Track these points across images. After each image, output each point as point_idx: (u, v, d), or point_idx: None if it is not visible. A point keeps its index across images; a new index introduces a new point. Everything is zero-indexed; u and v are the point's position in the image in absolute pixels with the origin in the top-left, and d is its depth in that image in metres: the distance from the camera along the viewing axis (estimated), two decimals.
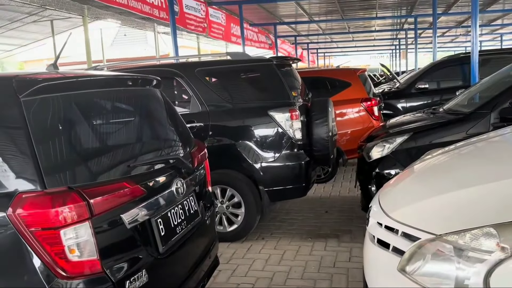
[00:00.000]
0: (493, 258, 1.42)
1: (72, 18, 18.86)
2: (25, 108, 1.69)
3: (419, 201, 1.93)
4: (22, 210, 1.58)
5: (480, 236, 1.49)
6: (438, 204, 1.83)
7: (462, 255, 1.50)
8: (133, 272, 1.86)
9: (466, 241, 1.51)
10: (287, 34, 21.92)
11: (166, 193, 2.18)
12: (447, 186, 1.94)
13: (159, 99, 2.67)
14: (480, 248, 1.47)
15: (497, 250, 1.44)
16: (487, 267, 1.43)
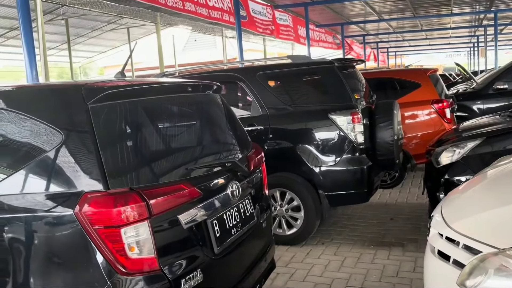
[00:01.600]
0: None
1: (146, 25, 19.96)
2: (92, 114, 1.83)
3: (483, 212, 1.80)
4: (87, 209, 1.70)
5: None
6: (504, 216, 1.69)
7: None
8: (188, 271, 1.93)
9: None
10: (355, 34, 21.42)
11: (221, 196, 2.23)
12: None
13: (219, 104, 2.74)
14: None
15: None
16: None
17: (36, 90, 2.20)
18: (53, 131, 1.83)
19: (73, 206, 1.71)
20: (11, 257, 1.79)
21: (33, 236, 1.78)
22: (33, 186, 1.83)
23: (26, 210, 1.80)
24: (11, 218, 1.81)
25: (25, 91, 2.18)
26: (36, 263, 1.77)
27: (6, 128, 1.95)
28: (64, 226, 1.73)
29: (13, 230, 1.80)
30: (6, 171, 1.89)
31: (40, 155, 1.83)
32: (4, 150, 1.95)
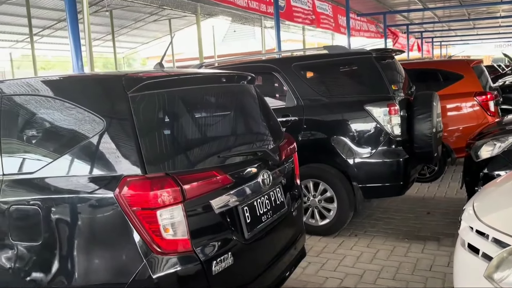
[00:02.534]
0: None
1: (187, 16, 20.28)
2: (132, 102, 1.93)
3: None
4: (126, 191, 1.82)
5: None
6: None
7: None
8: (219, 254, 2.01)
9: None
10: (398, 23, 20.79)
11: (252, 183, 2.29)
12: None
13: (253, 94, 2.80)
14: None
15: None
16: None
17: (80, 80, 2.34)
18: (96, 119, 1.95)
19: (113, 188, 1.83)
20: (57, 235, 1.93)
21: (76, 215, 1.91)
22: (77, 169, 1.97)
23: (70, 192, 1.94)
24: (56, 198, 1.96)
25: (71, 81, 2.32)
26: (79, 241, 1.91)
27: (53, 115, 2.09)
28: (105, 207, 1.85)
29: (58, 209, 1.95)
30: (53, 155, 2.03)
31: (84, 140, 1.96)
32: (51, 135, 2.10)
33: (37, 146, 2.12)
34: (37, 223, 1.96)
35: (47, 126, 2.11)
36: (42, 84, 2.21)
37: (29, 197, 2.01)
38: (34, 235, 1.97)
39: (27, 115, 2.17)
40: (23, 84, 2.25)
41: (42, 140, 2.11)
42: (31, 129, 2.15)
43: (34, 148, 2.13)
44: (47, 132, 2.11)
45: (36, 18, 17.98)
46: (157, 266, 1.81)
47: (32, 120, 2.15)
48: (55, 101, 2.09)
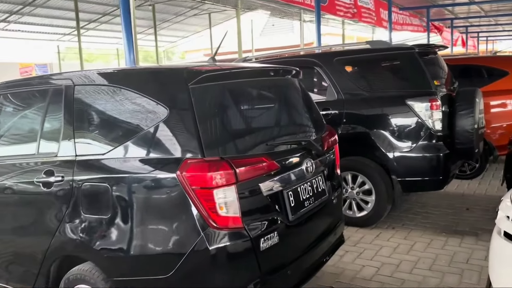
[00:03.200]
0: None
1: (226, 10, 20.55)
2: (192, 93, 2.14)
3: None
4: (187, 172, 2.03)
5: None
6: None
7: None
8: (267, 233, 2.19)
9: None
10: (443, 17, 20.21)
11: (297, 170, 2.46)
12: None
13: (297, 88, 2.96)
14: None
15: None
16: None
17: (146, 73, 2.57)
18: (161, 107, 2.17)
19: (175, 169, 2.05)
20: (124, 209, 2.17)
21: (143, 192, 2.14)
22: (144, 152, 2.20)
23: (137, 171, 2.16)
24: (125, 177, 2.19)
25: (138, 73, 2.56)
26: (144, 215, 2.14)
27: (122, 104, 2.32)
28: (168, 185, 2.07)
29: (126, 187, 2.18)
30: (122, 138, 2.27)
31: (150, 126, 2.18)
32: (121, 121, 2.33)
33: (107, 131, 2.36)
34: (107, 199, 2.20)
35: (116, 113, 2.34)
36: (112, 75, 2.46)
37: (100, 175, 2.26)
38: (104, 208, 2.21)
39: (97, 104, 2.42)
40: (93, 75, 2.50)
41: (112, 126, 2.35)
42: (101, 116, 2.40)
43: (104, 133, 2.37)
44: (117, 118, 2.35)
45: (82, 12, 18.75)
46: (212, 239, 2.01)
47: (102, 108, 2.40)
48: (124, 91, 2.32)
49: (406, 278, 3.34)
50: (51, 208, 2.41)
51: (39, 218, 2.49)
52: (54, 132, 2.52)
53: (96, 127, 2.40)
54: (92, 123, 2.41)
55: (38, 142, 2.57)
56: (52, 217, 2.41)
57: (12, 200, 2.66)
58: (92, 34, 23.19)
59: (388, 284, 3.27)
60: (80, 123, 2.42)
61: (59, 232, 2.37)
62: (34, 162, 2.55)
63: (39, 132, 2.58)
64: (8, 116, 2.98)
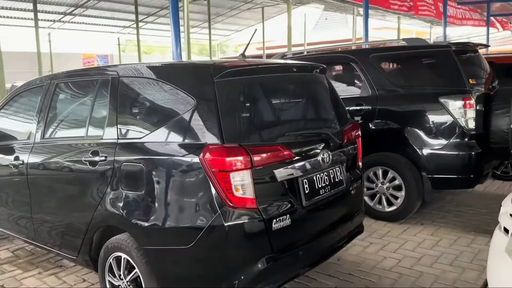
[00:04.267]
0: None
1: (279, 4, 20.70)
2: (216, 87, 2.39)
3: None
4: (208, 156, 2.29)
5: None
6: None
7: None
8: (279, 215, 2.41)
9: None
10: (505, 12, 19.15)
11: (312, 160, 2.65)
12: None
13: (322, 82, 3.13)
14: None
15: None
16: None
17: (178, 67, 2.87)
18: (188, 98, 2.45)
19: (199, 153, 2.31)
20: (155, 186, 2.48)
21: (171, 172, 2.43)
22: (172, 137, 2.48)
23: (166, 154, 2.45)
24: (156, 159, 2.49)
25: (171, 67, 2.86)
26: (171, 192, 2.43)
27: (156, 95, 2.63)
28: (192, 167, 2.34)
29: (157, 167, 2.48)
30: (155, 125, 2.57)
31: (180, 115, 2.46)
32: (156, 110, 2.64)
33: (143, 118, 2.69)
34: (141, 177, 2.52)
35: (152, 102, 2.66)
36: (151, 69, 2.77)
37: (136, 156, 2.57)
38: (139, 186, 2.53)
39: (137, 94, 2.75)
40: (135, 69, 2.83)
41: (148, 114, 2.67)
42: (140, 105, 2.73)
43: (141, 120, 2.70)
44: (152, 107, 2.66)
45: (141, 6, 19.66)
46: (228, 216, 2.26)
47: (141, 98, 2.73)
48: (160, 83, 2.62)
49: (425, 271, 3.43)
50: (95, 183, 2.78)
51: (85, 192, 2.86)
52: (101, 118, 2.89)
53: (135, 115, 2.73)
54: (132, 111, 2.74)
55: (87, 126, 2.95)
56: (96, 192, 2.77)
57: (64, 176, 3.06)
58: (150, 27, 24.22)
59: (406, 275, 3.38)
60: (123, 110, 2.76)
61: (101, 205, 2.72)
62: (83, 143, 2.93)
63: (88, 117, 2.96)
64: (66, 103, 3.42)
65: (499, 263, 1.87)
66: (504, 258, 1.78)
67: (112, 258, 2.75)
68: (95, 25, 22.44)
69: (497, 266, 1.88)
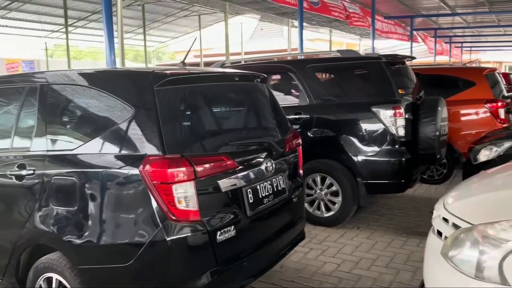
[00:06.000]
0: (509, 246, 1.56)
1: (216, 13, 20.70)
2: (156, 95, 2.31)
3: (470, 197, 2.07)
4: (149, 168, 2.20)
5: (506, 227, 1.62)
6: (483, 200, 1.96)
7: (487, 242, 1.65)
8: (224, 226, 2.37)
9: (494, 231, 1.66)
10: (426, 27, 20.69)
11: (256, 169, 2.65)
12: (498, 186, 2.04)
13: (264, 92, 3.15)
14: (502, 237, 1.61)
15: None
16: (502, 253, 1.58)
17: (115, 74, 2.74)
18: (127, 107, 2.34)
19: (138, 165, 2.22)
20: (90, 201, 2.33)
21: (107, 186, 2.30)
22: (109, 148, 2.37)
23: (103, 167, 2.33)
24: (91, 172, 2.35)
25: (108, 74, 2.73)
26: (108, 207, 2.31)
27: (90, 103, 2.50)
28: (131, 180, 2.24)
29: (92, 181, 2.34)
30: (90, 135, 2.43)
31: (116, 125, 2.35)
32: (91, 119, 2.50)
33: (76, 128, 2.53)
34: (74, 191, 2.36)
35: (86, 111, 2.52)
36: (84, 76, 2.62)
37: (68, 170, 2.42)
38: (72, 201, 2.38)
39: (69, 102, 2.59)
40: (67, 75, 2.66)
41: (81, 123, 2.52)
42: (72, 114, 2.57)
43: (74, 130, 2.54)
44: (86, 117, 2.52)
45: (71, 10, 18.74)
46: (170, 230, 2.18)
47: (73, 107, 2.57)
48: (94, 91, 2.49)
49: (363, 275, 3.55)
50: (22, 199, 2.57)
51: (11, 209, 2.64)
52: (28, 128, 2.68)
53: (66, 124, 2.57)
54: (63, 120, 2.58)
55: (12, 137, 2.73)
56: (24, 208, 2.56)
57: None
58: (81, 32, 23.09)
59: (345, 279, 3.48)
60: (53, 120, 2.58)
61: (29, 222, 2.52)
62: (8, 156, 2.70)
63: (14, 128, 2.74)
64: None
65: (435, 265, 1.97)
66: (440, 260, 1.88)
67: (42, 279, 2.55)
68: (20, 29, 20.99)
69: (434, 268, 1.99)
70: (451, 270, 1.81)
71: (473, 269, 1.67)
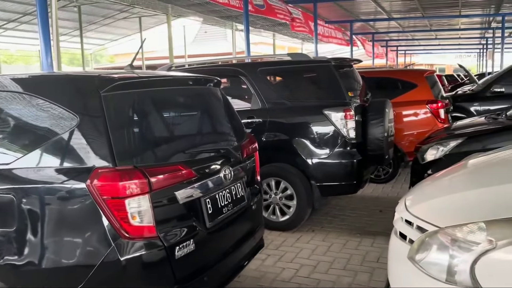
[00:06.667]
0: (480, 249, 1.58)
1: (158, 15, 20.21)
2: (104, 101, 2.12)
3: (434, 198, 2.09)
4: (97, 182, 2.01)
5: (475, 230, 1.64)
6: (449, 201, 1.98)
7: (456, 245, 1.66)
8: (182, 240, 2.23)
9: (462, 233, 1.66)
10: (365, 31, 21.54)
11: (215, 178, 2.53)
12: (460, 187, 2.08)
13: (218, 96, 3.04)
14: (471, 240, 1.62)
15: (484, 242, 1.58)
16: (474, 256, 1.59)
17: (56, 79, 2.51)
18: (71, 115, 2.13)
19: (85, 179, 2.02)
20: (31, 221, 2.09)
21: (50, 204, 2.08)
22: (52, 161, 2.14)
23: (45, 182, 2.10)
24: (31, 188, 2.12)
25: (48, 79, 2.48)
26: (51, 226, 2.08)
27: (30, 111, 2.25)
28: (78, 195, 2.04)
29: (33, 198, 2.11)
30: (29, 147, 2.20)
31: (59, 135, 2.13)
32: (30, 129, 2.25)
33: (13, 140, 2.28)
34: (12, 211, 2.11)
35: (25, 121, 2.27)
36: (21, 81, 2.37)
37: (4, 186, 2.16)
38: (8, 221, 2.12)
39: (5, 111, 2.32)
40: (1, 81, 2.39)
41: (18, 134, 2.27)
42: (8, 124, 2.30)
43: (10, 142, 2.28)
44: (25, 126, 2.27)
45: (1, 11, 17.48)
46: (124, 249, 2.00)
47: (6, 116, 2.31)
48: (33, 98, 2.25)
49: (322, 278, 3.53)
50: None
51: None
52: None
53: (2, 136, 2.30)
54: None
55: None
56: None
57: None
58: (11, 34, 21.60)
59: (305, 285, 3.44)
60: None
61: None
62: None
63: None
64: None
65: (401, 269, 1.96)
66: (407, 264, 1.87)
67: None
68: None
69: (400, 272, 1.98)
70: (419, 273, 1.80)
71: (443, 273, 1.67)
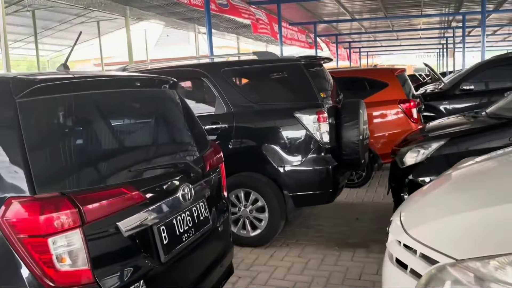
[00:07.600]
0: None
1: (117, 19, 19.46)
2: (20, 109, 1.64)
3: (442, 218, 1.72)
4: (11, 216, 1.53)
5: (506, 264, 1.27)
6: (463, 224, 1.61)
7: (484, 286, 1.29)
8: (129, 283, 1.77)
9: (489, 269, 1.29)
10: (328, 33, 21.51)
11: (170, 199, 2.08)
12: (475, 203, 1.71)
13: (174, 100, 2.58)
14: (501, 279, 1.25)
15: None
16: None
17: None
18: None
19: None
20: None
21: None
22: None
23: None
24: None
25: None
26: None
27: None
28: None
29: None
30: None
31: None
32: None
33: None
34: None
35: None
36: None
37: None
38: None
39: None
40: None
41: None
42: None
43: None
44: None
45: None
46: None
47: None
48: None
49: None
50: None
51: None
52: None
53: None
54: None
55: None
56: None
57: None
58: None
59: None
60: None
61: None
62: None
63: None
64: None
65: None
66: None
67: None
68: None
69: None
70: None
71: None
